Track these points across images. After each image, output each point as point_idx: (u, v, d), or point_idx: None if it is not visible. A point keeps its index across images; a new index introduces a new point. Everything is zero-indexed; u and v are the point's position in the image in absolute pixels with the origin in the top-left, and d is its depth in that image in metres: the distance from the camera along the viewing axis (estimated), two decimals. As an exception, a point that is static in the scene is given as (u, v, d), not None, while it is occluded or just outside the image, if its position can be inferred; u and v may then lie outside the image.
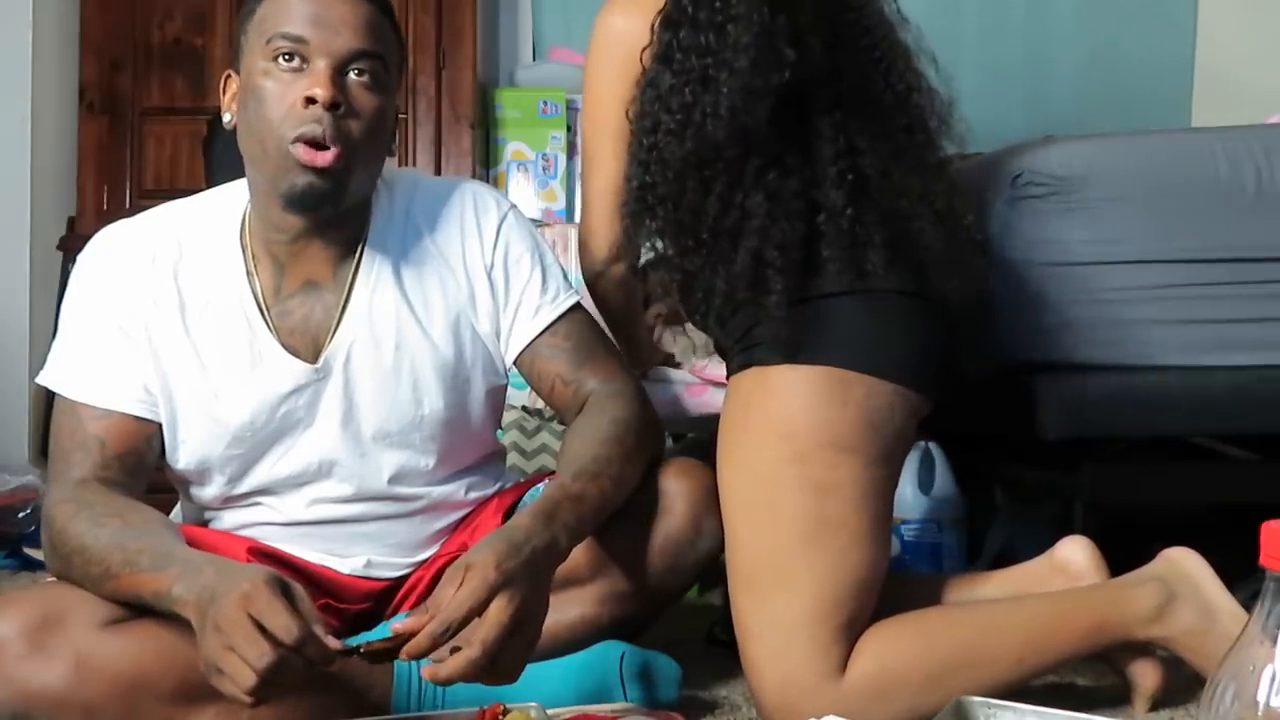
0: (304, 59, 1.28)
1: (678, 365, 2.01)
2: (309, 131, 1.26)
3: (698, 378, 1.95)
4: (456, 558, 1.43)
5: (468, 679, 1.10)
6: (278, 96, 1.28)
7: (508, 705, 1.14)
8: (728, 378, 1.48)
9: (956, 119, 1.49)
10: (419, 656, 1.09)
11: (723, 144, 1.36)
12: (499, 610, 1.10)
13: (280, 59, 1.28)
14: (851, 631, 1.34)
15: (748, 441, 1.39)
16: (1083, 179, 1.81)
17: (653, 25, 1.43)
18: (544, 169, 3.14)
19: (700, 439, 2.16)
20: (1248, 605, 0.74)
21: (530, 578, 1.14)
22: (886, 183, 1.41)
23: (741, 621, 1.37)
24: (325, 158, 1.27)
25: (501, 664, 1.11)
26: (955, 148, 1.51)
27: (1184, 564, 1.42)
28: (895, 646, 1.34)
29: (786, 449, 1.36)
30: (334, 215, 1.34)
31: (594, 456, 1.32)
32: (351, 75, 1.30)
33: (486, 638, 1.09)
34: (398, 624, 1.11)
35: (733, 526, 1.40)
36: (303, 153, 1.27)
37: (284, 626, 1.02)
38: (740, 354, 1.43)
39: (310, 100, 1.26)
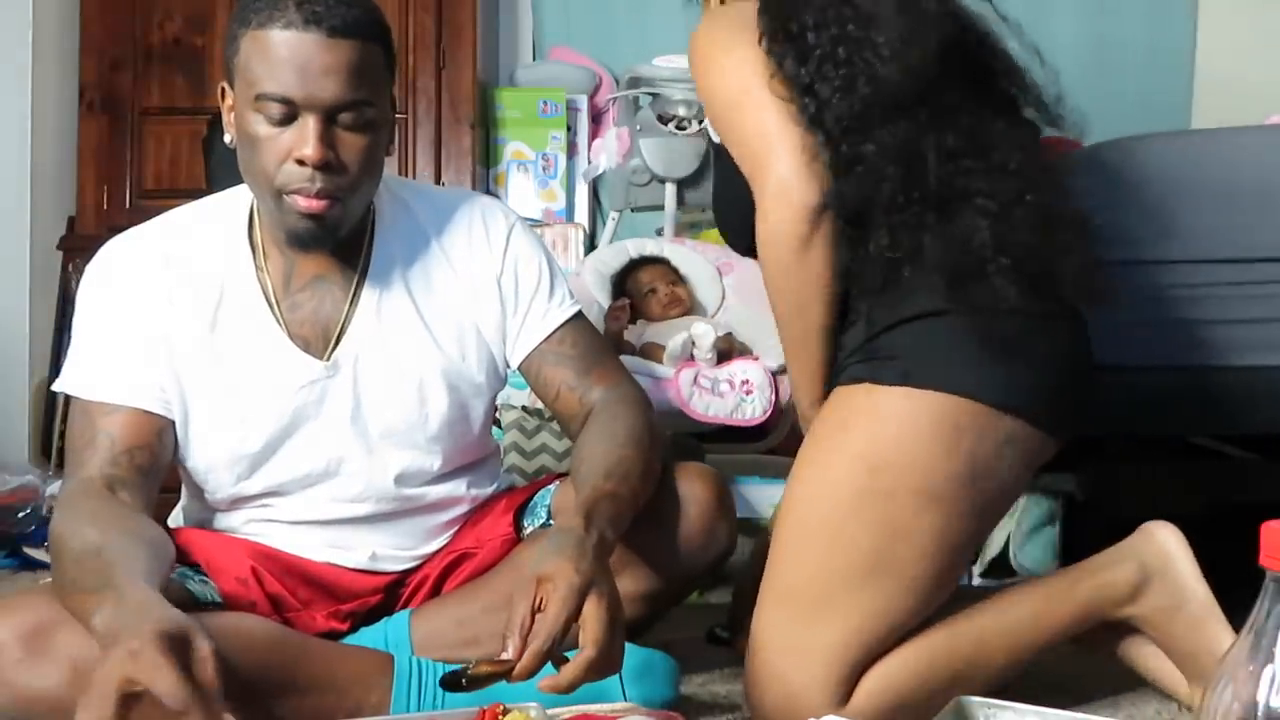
0: (292, 115, 1.28)
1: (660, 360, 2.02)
2: (302, 189, 1.28)
3: (674, 372, 1.96)
4: (465, 554, 1.46)
5: (588, 680, 1.12)
6: (268, 147, 1.29)
7: (508, 705, 1.14)
8: (833, 386, 1.42)
9: (1061, 108, 1.45)
10: (530, 677, 1.11)
11: (899, 85, 1.32)
12: (597, 609, 1.13)
13: (269, 115, 1.28)
14: (865, 667, 1.33)
15: (836, 462, 1.35)
16: (1082, 181, 1.80)
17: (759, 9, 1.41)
18: (544, 169, 3.14)
19: (678, 437, 2.17)
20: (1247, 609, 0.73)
21: (603, 570, 1.17)
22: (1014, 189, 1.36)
23: (763, 628, 1.36)
24: (320, 205, 1.29)
25: (614, 656, 1.14)
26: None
27: (1164, 542, 1.42)
28: (900, 676, 1.33)
29: (874, 482, 1.32)
30: (337, 244, 1.37)
31: (619, 458, 1.33)
32: (341, 122, 1.29)
33: (598, 637, 1.12)
34: (505, 655, 1.10)
35: (788, 537, 1.37)
36: (299, 201, 1.29)
37: (170, 692, 0.94)
38: (854, 365, 1.38)
39: (301, 161, 1.27)
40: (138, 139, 3.05)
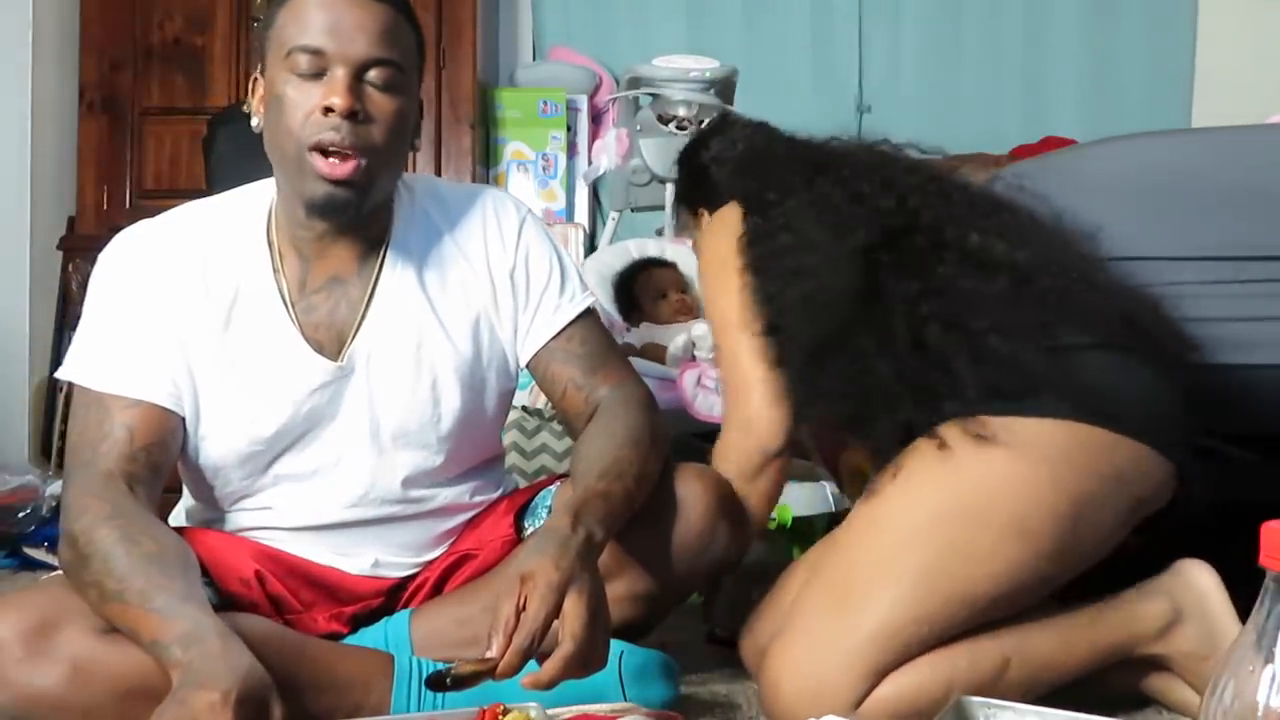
0: (322, 69, 1.29)
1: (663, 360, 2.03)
2: (327, 138, 1.27)
3: (678, 374, 1.96)
4: (466, 556, 1.46)
5: (569, 676, 1.13)
6: (297, 104, 1.29)
7: (507, 705, 1.15)
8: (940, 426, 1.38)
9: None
10: (513, 674, 1.11)
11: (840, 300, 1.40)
12: (576, 603, 1.13)
13: (300, 70, 1.29)
14: (891, 669, 1.32)
15: (926, 480, 1.35)
16: (1082, 180, 1.81)
17: (737, 245, 1.52)
18: (544, 169, 3.15)
19: (681, 436, 2.16)
20: (1247, 608, 0.73)
21: (586, 567, 1.18)
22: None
23: (799, 612, 1.35)
24: (344, 169, 1.28)
25: (593, 652, 1.14)
26: None
27: (1197, 581, 1.40)
28: (917, 691, 1.31)
29: (961, 505, 1.31)
30: (358, 219, 1.36)
31: (616, 458, 1.33)
32: (370, 80, 1.30)
33: (575, 631, 1.12)
34: (490, 654, 1.11)
35: (852, 536, 1.38)
36: (322, 164, 1.28)
37: None
38: (970, 403, 1.35)
39: (328, 109, 1.27)
40: (138, 139, 3.06)
